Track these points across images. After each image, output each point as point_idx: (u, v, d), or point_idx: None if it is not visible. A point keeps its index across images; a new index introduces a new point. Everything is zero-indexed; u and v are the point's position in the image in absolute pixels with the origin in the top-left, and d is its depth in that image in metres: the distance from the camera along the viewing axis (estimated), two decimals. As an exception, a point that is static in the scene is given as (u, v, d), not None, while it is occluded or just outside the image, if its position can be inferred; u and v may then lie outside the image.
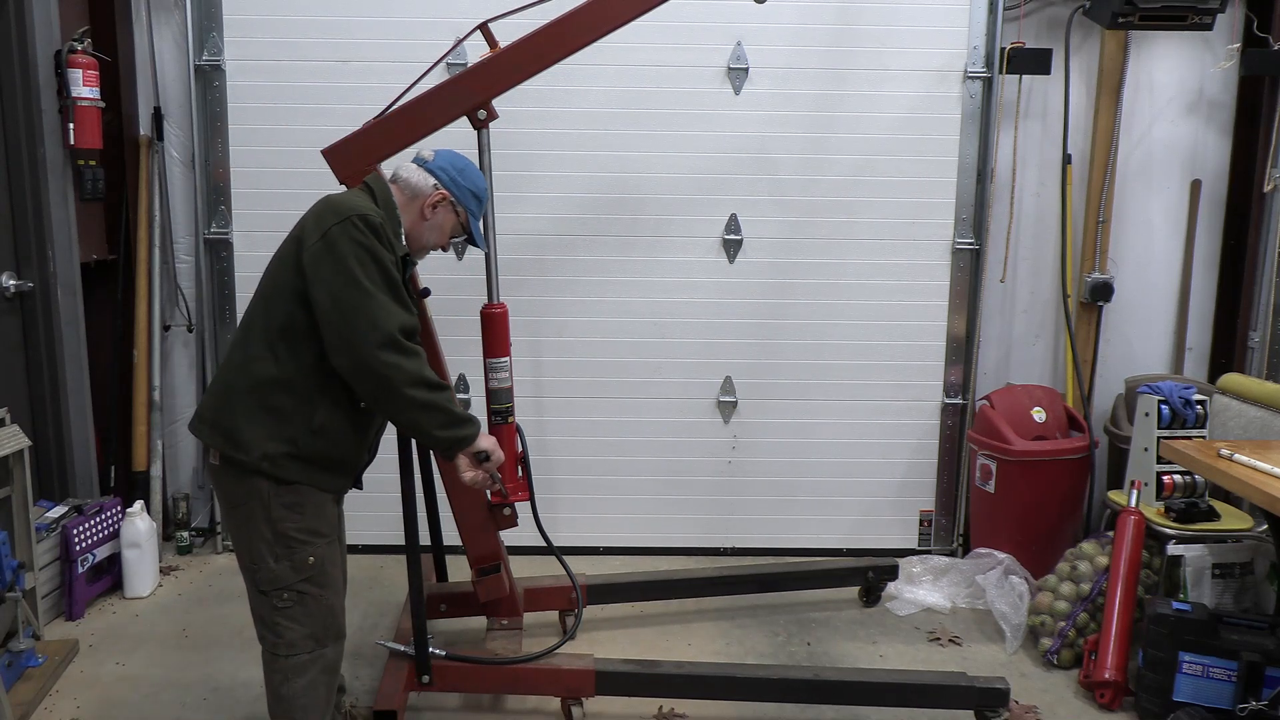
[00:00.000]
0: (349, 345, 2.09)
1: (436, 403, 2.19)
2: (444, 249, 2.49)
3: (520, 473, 2.91)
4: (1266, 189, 3.96)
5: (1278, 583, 3.14)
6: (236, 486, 2.18)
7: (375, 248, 2.12)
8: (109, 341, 3.98)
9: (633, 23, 3.74)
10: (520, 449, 2.91)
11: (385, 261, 2.13)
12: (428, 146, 2.47)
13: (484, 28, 2.82)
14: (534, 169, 3.91)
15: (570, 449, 4.09)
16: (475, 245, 2.52)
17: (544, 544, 2.96)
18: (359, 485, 2.43)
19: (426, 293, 2.69)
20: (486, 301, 2.88)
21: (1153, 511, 3.29)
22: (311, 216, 2.20)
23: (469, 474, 2.34)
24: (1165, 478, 3.34)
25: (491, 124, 2.82)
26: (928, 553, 4.08)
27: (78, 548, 3.46)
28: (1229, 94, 4.09)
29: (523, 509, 2.95)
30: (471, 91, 2.76)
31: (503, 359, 2.85)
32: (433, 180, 2.35)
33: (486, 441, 2.33)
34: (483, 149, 2.83)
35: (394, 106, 2.77)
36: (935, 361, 4.08)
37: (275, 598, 2.19)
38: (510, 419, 2.88)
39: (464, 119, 2.79)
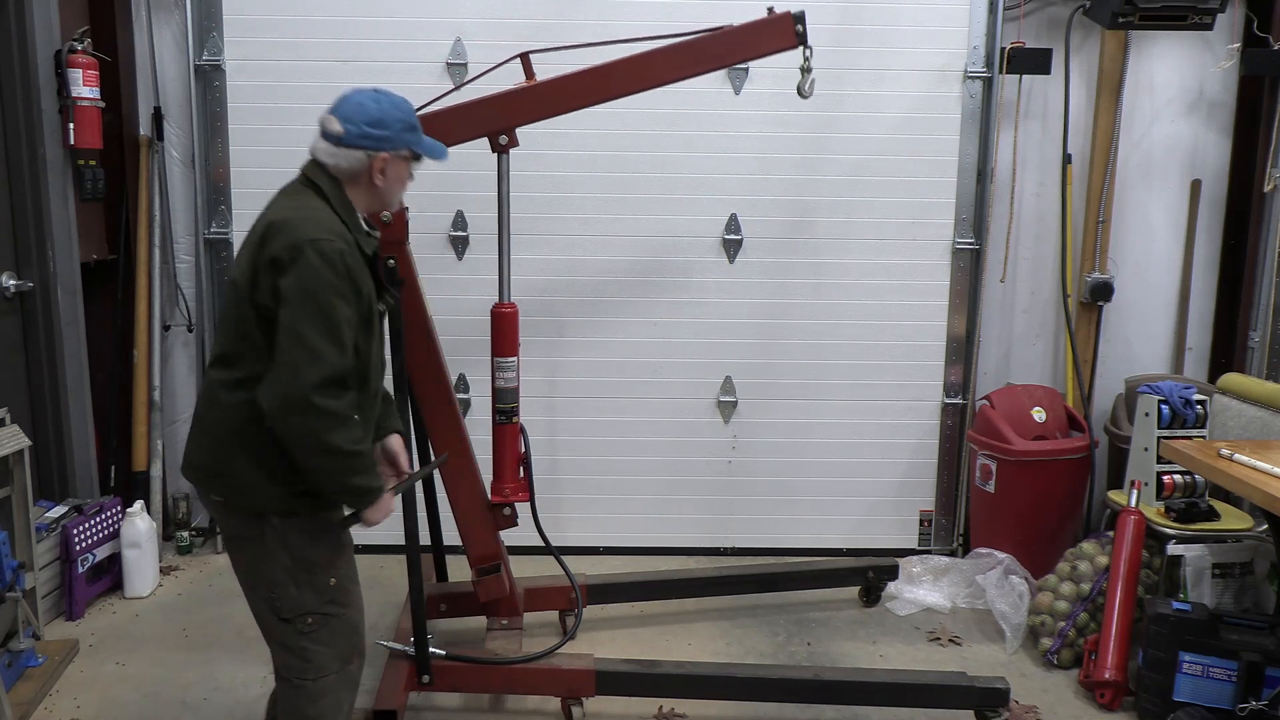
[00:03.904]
0: (274, 386, 1.97)
1: (335, 469, 2.04)
2: (412, 181, 2.30)
3: (521, 473, 2.91)
4: (1266, 189, 3.96)
5: (1278, 583, 3.14)
6: (244, 523, 2.11)
7: (325, 279, 1.97)
8: (109, 341, 3.98)
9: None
10: (523, 449, 2.92)
11: (332, 295, 1.97)
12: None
13: (524, 57, 2.82)
14: (534, 168, 3.90)
15: (571, 449, 4.09)
16: (435, 158, 2.28)
17: (544, 544, 2.97)
18: None
19: (401, 283, 2.50)
20: (497, 301, 2.88)
21: (1153, 511, 3.29)
22: (263, 236, 2.04)
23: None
24: (1165, 478, 3.34)
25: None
26: (928, 553, 4.08)
27: (78, 548, 3.46)
28: (1229, 94, 4.08)
29: (523, 509, 2.95)
30: (499, 115, 2.76)
31: (510, 359, 2.85)
32: (358, 153, 2.13)
33: (376, 515, 2.13)
34: (501, 175, 2.82)
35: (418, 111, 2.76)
36: (935, 361, 4.08)
37: (299, 623, 2.13)
38: (514, 419, 2.88)
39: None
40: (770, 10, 2.79)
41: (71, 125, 3.65)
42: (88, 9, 3.82)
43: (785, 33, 2.77)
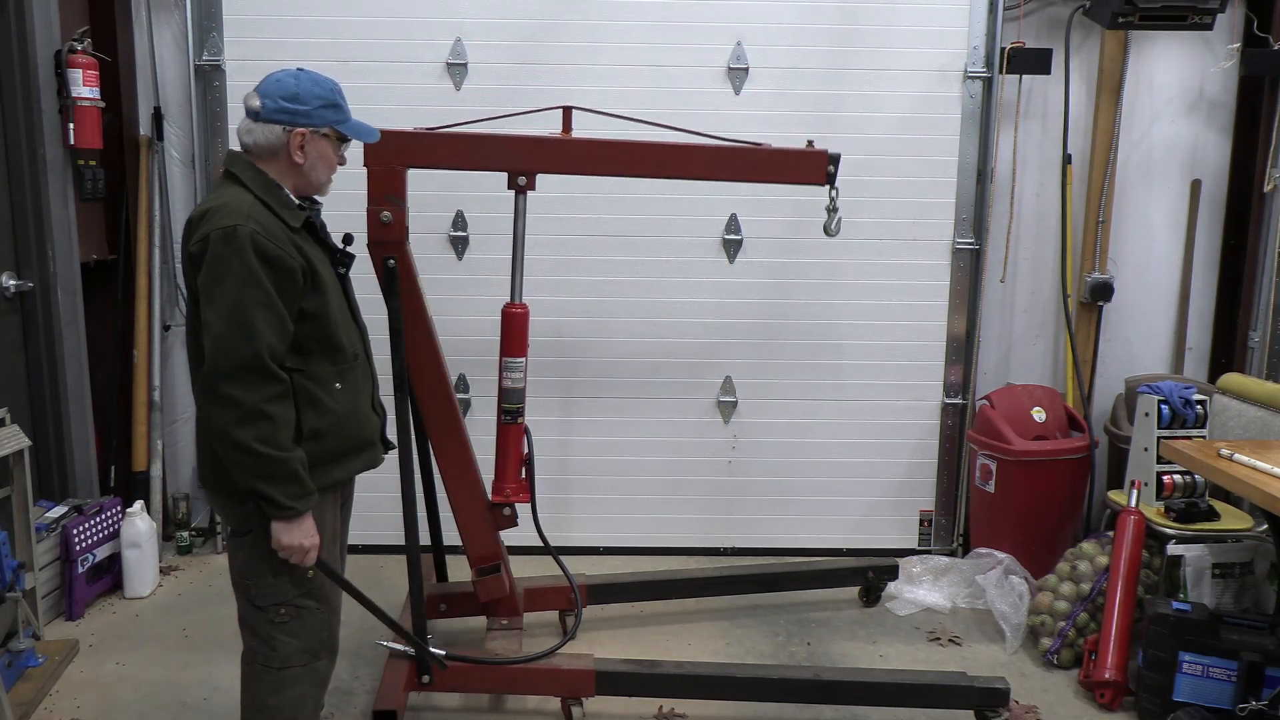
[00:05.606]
0: (197, 379, 2.03)
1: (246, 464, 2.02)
2: (342, 164, 2.27)
3: (523, 474, 2.91)
4: (1266, 189, 3.96)
5: (1278, 583, 3.14)
6: (240, 516, 2.13)
7: (231, 267, 1.96)
8: (109, 341, 3.98)
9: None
10: (526, 450, 2.91)
11: (238, 282, 1.96)
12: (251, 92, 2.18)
13: (567, 110, 2.82)
14: (534, 169, 3.90)
15: (573, 449, 4.09)
16: (361, 139, 2.29)
17: (544, 545, 2.97)
18: (389, 447, 2.40)
19: (350, 257, 2.31)
20: (509, 300, 2.88)
21: (1153, 511, 3.29)
22: (184, 237, 2.09)
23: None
24: (1165, 478, 3.34)
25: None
26: (928, 553, 4.08)
27: (78, 548, 3.46)
28: (1229, 94, 4.08)
29: (523, 509, 2.95)
30: (522, 157, 2.75)
31: (518, 359, 2.85)
32: (275, 127, 2.11)
33: (284, 536, 2.06)
34: (518, 214, 2.81)
35: (451, 128, 2.76)
36: (935, 361, 4.08)
37: (272, 612, 2.15)
38: (520, 419, 2.87)
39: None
40: (810, 143, 2.82)
41: (71, 125, 3.65)
42: (88, 9, 3.82)
43: (817, 169, 2.81)
